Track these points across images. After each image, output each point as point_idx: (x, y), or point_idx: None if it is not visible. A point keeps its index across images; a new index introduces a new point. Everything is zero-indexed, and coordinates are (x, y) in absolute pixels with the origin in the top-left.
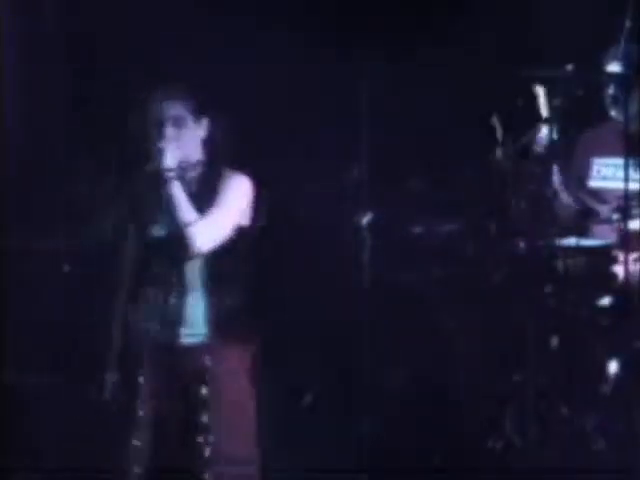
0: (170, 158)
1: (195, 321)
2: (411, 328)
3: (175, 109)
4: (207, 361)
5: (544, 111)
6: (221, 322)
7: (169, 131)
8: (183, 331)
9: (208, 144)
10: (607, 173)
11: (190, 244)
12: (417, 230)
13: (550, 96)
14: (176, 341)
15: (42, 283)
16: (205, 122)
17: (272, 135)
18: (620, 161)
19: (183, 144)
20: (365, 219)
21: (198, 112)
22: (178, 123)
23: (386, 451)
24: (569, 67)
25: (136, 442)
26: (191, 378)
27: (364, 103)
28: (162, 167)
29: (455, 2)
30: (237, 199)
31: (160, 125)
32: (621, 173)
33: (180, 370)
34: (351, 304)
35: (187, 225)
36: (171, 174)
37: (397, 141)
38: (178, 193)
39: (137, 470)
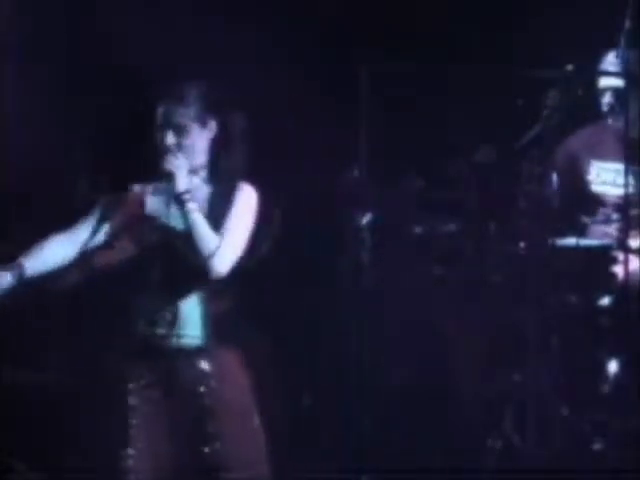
0: (181, 177)
1: (191, 323)
2: (411, 328)
3: (177, 116)
4: (205, 365)
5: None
6: (217, 325)
7: (170, 139)
8: (179, 333)
9: (216, 151)
10: (607, 177)
11: (210, 272)
12: (417, 230)
13: (550, 96)
14: (172, 343)
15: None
16: (213, 126)
17: (271, 135)
18: (620, 166)
19: (189, 155)
20: (365, 219)
21: (204, 117)
22: (180, 132)
23: (386, 451)
24: (569, 67)
25: (131, 452)
26: (192, 383)
27: (364, 102)
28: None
29: (455, 2)
30: (248, 213)
31: (162, 134)
32: (621, 179)
33: (178, 374)
34: (351, 304)
35: (209, 255)
36: (187, 196)
37: (397, 141)
38: (199, 219)
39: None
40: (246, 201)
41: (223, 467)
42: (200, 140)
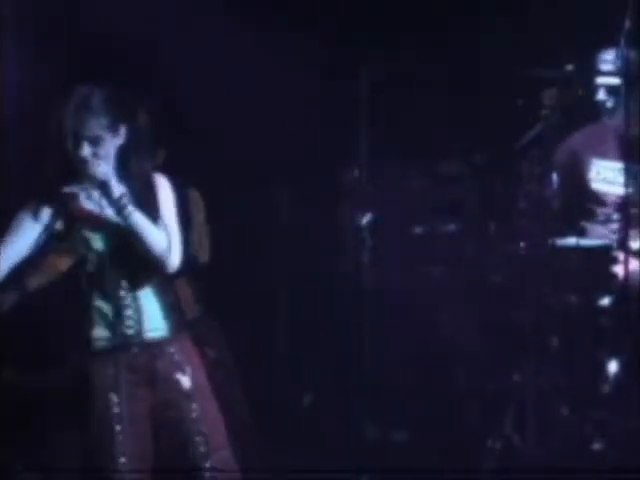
0: (114, 183)
1: (153, 316)
2: (411, 328)
3: (89, 128)
4: (175, 353)
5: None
6: (174, 316)
7: (86, 150)
8: (145, 328)
9: (127, 155)
10: (607, 176)
11: (167, 266)
12: (417, 230)
13: (549, 96)
14: (141, 338)
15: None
16: (123, 130)
17: (270, 135)
18: (620, 165)
19: (104, 161)
20: (365, 219)
21: (115, 125)
22: (95, 142)
23: (386, 451)
24: (569, 67)
25: (122, 458)
26: (169, 372)
27: (364, 102)
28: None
29: (455, 2)
30: (171, 202)
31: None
32: (621, 177)
33: (153, 367)
34: (351, 304)
35: (163, 250)
36: (124, 200)
37: (397, 141)
38: (142, 220)
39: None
40: (167, 192)
41: (208, 451)
42: (113, 147)
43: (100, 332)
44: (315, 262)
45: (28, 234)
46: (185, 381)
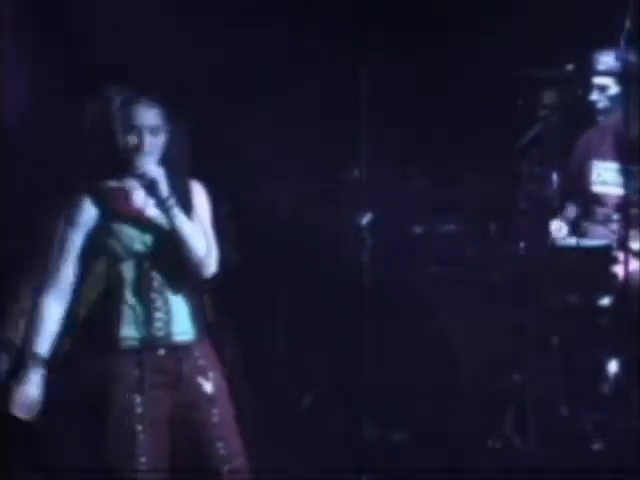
0: (162, 182)
1: (182, 319)
2: (411, 328)
3: (153, 117)
4: (199, 356)
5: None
6: (200, 321)
7: (146, 140)
8: (174, 330)
9: (172, 151)
10: (607, 177)
11: (206, 271)
12: (417, 230)
13: (548, 96)
14: (169, 340)
15: None
16: (170, 129)
17: (270, 135)
18: (621, 166)
19: (156, 155)
20: (365, 219)
21: (169, 117)
22: (155, 132)
23: (386, 451)
24: (569, 67)
25: (142, 458)
26: (194, 376)
27: (364, 102)
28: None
29: (455, 2)
30: (206, 206)
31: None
32: (621, 179)
33: (179, 369)
34: (351, 304)
35: (203, 255)
36: (171, 201)
37: (397, 141)
38: (187, 224)
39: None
40: (202, 198)
41: (228, 455)
42: (162, 140)
43: (128, 331)
44: (315, 262)
45: (75, 241)
46: (208, 385)
